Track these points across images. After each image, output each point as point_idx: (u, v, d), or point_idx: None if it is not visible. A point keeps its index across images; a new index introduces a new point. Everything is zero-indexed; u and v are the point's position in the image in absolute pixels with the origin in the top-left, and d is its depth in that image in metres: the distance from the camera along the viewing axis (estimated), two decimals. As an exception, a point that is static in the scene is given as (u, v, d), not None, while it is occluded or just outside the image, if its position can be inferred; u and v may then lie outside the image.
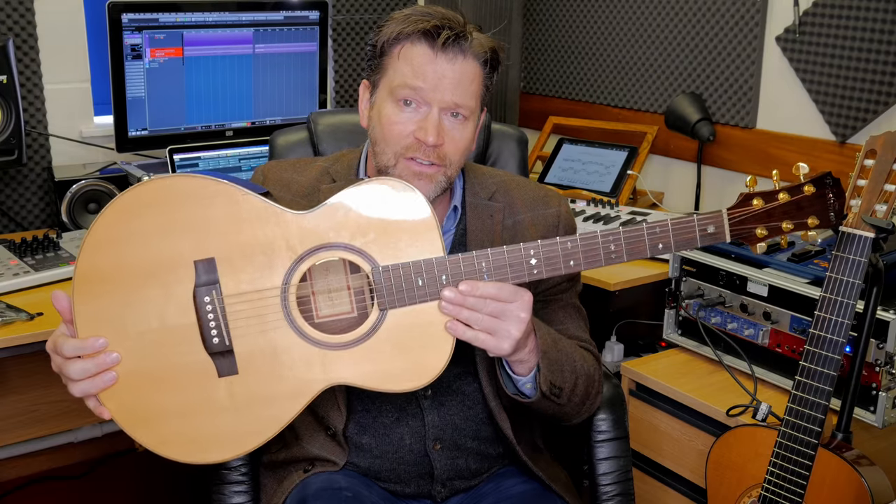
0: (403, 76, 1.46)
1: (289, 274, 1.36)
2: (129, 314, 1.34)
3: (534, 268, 1.38)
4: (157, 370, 1.34)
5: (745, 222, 1.41)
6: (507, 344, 1.37)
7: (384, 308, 1.37)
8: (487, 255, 1.37)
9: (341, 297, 1.40)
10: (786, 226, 1.41)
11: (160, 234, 1.34)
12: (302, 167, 1.65)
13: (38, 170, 2.73)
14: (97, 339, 1.32)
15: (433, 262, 1.36)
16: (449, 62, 1.46)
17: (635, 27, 3.04)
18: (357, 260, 1.37)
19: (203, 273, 1.35)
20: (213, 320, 1.35)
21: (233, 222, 1.35)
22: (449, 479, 1.60)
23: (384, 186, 1.37)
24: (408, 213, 1.36)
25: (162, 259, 1.34)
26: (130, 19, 2.55)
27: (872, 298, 1.64)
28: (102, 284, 1.33)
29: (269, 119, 2.89)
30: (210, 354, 1.35)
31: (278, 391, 1.36)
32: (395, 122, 1.48)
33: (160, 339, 1.34)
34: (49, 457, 2.94)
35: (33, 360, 2.75)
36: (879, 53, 2.37)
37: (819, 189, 1.41)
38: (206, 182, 1.35)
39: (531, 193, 1.65)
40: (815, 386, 1.55)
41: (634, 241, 1.38)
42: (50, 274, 2.20)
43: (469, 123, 1.50)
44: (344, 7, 3.23)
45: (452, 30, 1.45)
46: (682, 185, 2.97)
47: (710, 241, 1.40)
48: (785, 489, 1.59)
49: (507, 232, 1.61)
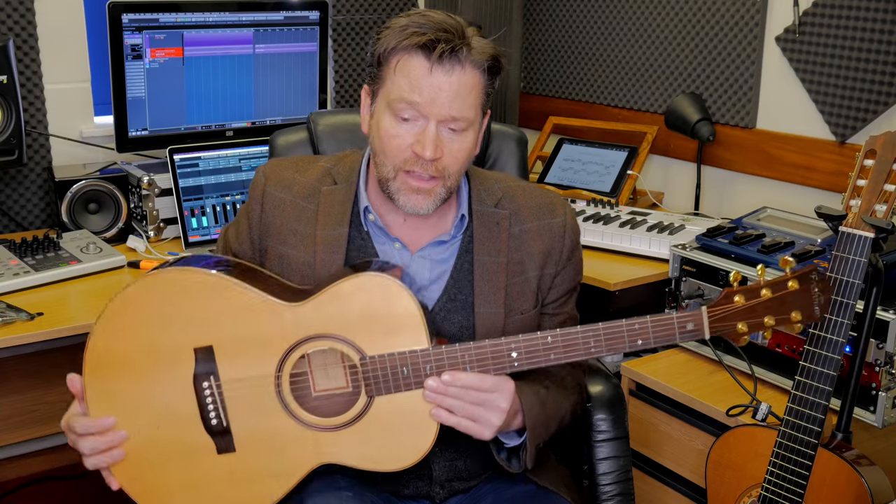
0: (400, 90, 1.46)
1: (282, 362, 1.45)
2: (135, 396, 1.45)
3: (514, 360, 1.43)
4: (162, 447, 1.46)
5: (725, 319, 1.42)
6: (489, 431, 1.44)
7: (371, 395, 1.44)
8: (470, 348, 1.43)
9: (337, 372, 1.48)
10: (768, 321, 1.42)
11: (164, 323, 1.45)
12: (304, 166, 1.65)
13: (39, 170, 2.73)
14: (106, 419, 1.44)
15: (418, 353, 1.42)
16: (446, 74, 1.44)
17: (635, 27, 3.04)
18: (346, 350, 1.45)
19: (202, 360, 1.45)
20: (212, 403, 1.46)
21: (230, 314, 1.45)
22: (448, 481, 1.60)
23: (375, 282, 1.44)
24: (396, 308, 1.43)
25: (165, 346, 1.45)
26: (131, 19, 2.55)
27: (872, 298, 1.64)
28: (111, 368, 1.45)
29: (270, 119, 2.89)
30: (209, 434, 1.46)
31: (273, 469, 1.47)
32: (392, 135, 1.48)
33: (164, 419, 1.46)
34: (49, 457, 2.94)
35: (33, 360, 2.76)
36: (879, 53, 2.37)
37: (804, 284, 1.41)
38: (206, 277, 1.46)
39: (536, 200, 1.64)
40: (815, 386, 1.55)
41: (614, 338, 1.43)
42: (50, 274, 2.20)
43: (468, 134, 1.50)
44: (344, 7, 3.23)
45: (449, 42, 1.43)
46: (682, 185, 2.97)
47: (690, 338, 1.44)
48: (785, 489, 1.59)
49: (514, 240, 1.60)
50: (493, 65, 1.49)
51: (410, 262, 1.57)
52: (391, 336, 1.43)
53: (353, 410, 1.45)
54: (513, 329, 1.58)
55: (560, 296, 1.64)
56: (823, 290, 1.42)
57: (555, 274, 1.62)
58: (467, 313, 1.57)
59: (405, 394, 1.44)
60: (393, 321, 1.43)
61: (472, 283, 1.57)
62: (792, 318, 1.41)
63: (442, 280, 1.58)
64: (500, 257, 1.58)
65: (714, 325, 1.42)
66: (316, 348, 1.45)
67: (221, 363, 1.45)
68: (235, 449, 1.46)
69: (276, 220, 1.59)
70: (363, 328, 1.44)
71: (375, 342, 1.43)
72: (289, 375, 1.45)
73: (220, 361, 1.45)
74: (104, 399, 1.46)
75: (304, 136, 2.01)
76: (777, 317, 1.41)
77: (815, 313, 1.42)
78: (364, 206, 1.58)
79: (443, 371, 1.42)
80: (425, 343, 1.43)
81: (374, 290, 1.43)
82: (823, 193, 2.54)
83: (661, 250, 2.40)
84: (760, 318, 1.42)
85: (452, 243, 1.59)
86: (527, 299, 1.60)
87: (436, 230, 1.59)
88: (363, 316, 1.44)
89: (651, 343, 1.43)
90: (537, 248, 1.60)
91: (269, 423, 1.46)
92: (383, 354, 1.43)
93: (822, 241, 2.11)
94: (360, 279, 1.44)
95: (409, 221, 1.58)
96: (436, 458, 1.58)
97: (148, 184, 2.57)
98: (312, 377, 1.48)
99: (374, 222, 1.58)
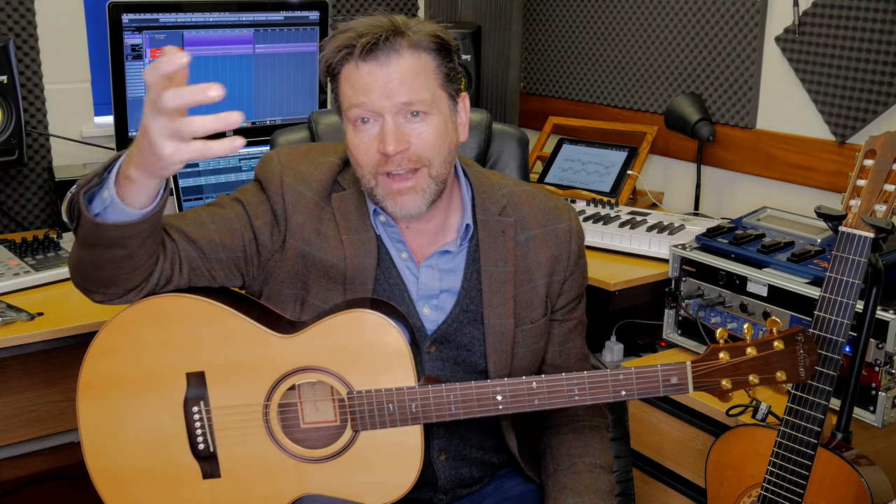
0: (348, 98, 1.44)
1: (270, 392, 1.47)
2: (127, 417, 1.48)
3: (499, 403, 1.45)
4: (150, 468, 1.49)
5: (710, 375, 1.43)
6: None
7: (357, 430, 1.46)
8: (455, 389, 1.44)
9: (326, 406, 1.50)
10: (752, 379, 1.43)
11: (157, 347, 1.47)
12: (315, 157, 1.59)
13: (39, 170, 2.73)
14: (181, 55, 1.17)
15: (404, 391, 1.44)
16: (382, 66, 1.42)
17: (635, 27, 3.05)
18: (334, 383, 1.46)
19: (194, 385, 1.47)
20: (200, 428, 1.47)
21: (223, 341, 1.46)
22: (452, 488, 1.61)
23: (366, 318, 1.45)
24: (385, 345, 1.45)
25: (158, 369, 1.47)
26: (131, 19, 2.55)
27: (872, 298, 1.64)
28: (104, 389, 1.47)
29: (270, 119, 2.89)
30: (196, 458, 1.48)
31: (256, 496, 1.49)
32: (357, 144, 1.46)
33: (153, 441, 1.48)
34: (49, 457, 2.94)
35: (33, 360, 2.76)
36: (879, 53, 2.37)
37: (789, 346, 1.42)
38: (201, 303, 1.47)
39: (541, 205, 1.62)
40: (814, 386, 1.55)
41: (597, 387, 1.45)
42: (50, 274, 2.20)
43: (433, 117, 1.45)
44: (344, 7, 3.23)
45: (374, 34, 1.41)
46: (681, 186, 2.97)
47: (674, 392, 1.46)
48: (785, 489, 1.59)
49: (520, 248, 1.58)
50: (438, 43, 1.45)
51: (418, 272, 1.55)
52: (380, 372, 1.45)
53: (338, 444, 1.47)
54: (523, 339, 1.57)
55: (569, 301, 1.63)
56: (809, 352, 1.43)
57: (563, 280, 1.61)
58: (478, 324, 1.55)
59: (390, 430, 1.45)
60: (382, 358, 1.45)
61: (480, 294, 1.56)
62: (777, 377, 1.42)
63: (453, 291, 1.56)
64: (508, 266, 1.56)
65: (698, 381, 1.43)
66: (305, 380, 1.47)
67: (212, 389, 1.47)
68: (221, 474, 1.49)
69: (299, 215, 1.52)
70: (352, 363, 1.45)
71: (364, 377, 1.45)
72: (277, 405, 1.47)
73: (211, 387, 1.47)
74: (97, 419, 1.48)
75: (305, 136, 2.01)
76: (762, 376, 1.42)
77: (800, 375, 1.43)
78: (373, 209, 1.54)
79: (429, 412, 1.44)
80: (412, 381, 1.44)
81: (366, 326, 1.45)
82: (823, 193, 2.54)
83: (661, 250, 2.40)
84: (745, 377, 1.43)
85: (458, 253, 1.57)
86: (536, 308, 1.58)
87: (439, 239, 1.56)
88: (353, 351, 1.45)
89: (635, 395, 1.45)
90: (545, 255, 1.59)
91: (255, 450, 1.48)
92: (370, 390, 1.44)
93: (821, 241, 2.11)
94: (353, 315, 1.46)
95: (411, 228, 1.54)
96: (441, 466, 1.58)
97: (148, 184, 2.57)
98: (302, 409, 1.50)
99: (386, 222, 1.54)
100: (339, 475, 1.47)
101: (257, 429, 1.47)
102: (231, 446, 1.48)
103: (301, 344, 1.46)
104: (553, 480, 1.56)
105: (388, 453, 1.47)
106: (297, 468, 1.48)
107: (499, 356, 1.54)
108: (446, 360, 1.55)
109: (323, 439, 1.49)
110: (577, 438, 1.60)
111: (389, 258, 1.54)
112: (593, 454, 1.58)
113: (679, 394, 1.46)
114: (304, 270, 1.52)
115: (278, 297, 1.54)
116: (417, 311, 1.54)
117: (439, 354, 1.54)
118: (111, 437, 1.48)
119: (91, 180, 1.29)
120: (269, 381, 1.47)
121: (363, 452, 1.47)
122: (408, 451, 1.46)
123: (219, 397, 1.47)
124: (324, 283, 1.52)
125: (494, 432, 1.61)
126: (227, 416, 1.47)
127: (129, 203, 1.27)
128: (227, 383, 1.47)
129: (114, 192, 1.27)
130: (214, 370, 1.47)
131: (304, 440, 1.49)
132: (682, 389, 1.44)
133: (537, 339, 1.59)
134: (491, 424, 1.60)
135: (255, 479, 1.48)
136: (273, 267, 1.54)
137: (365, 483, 1.48)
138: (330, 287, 1.52)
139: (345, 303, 1.51)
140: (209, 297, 1.48)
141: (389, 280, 1.53)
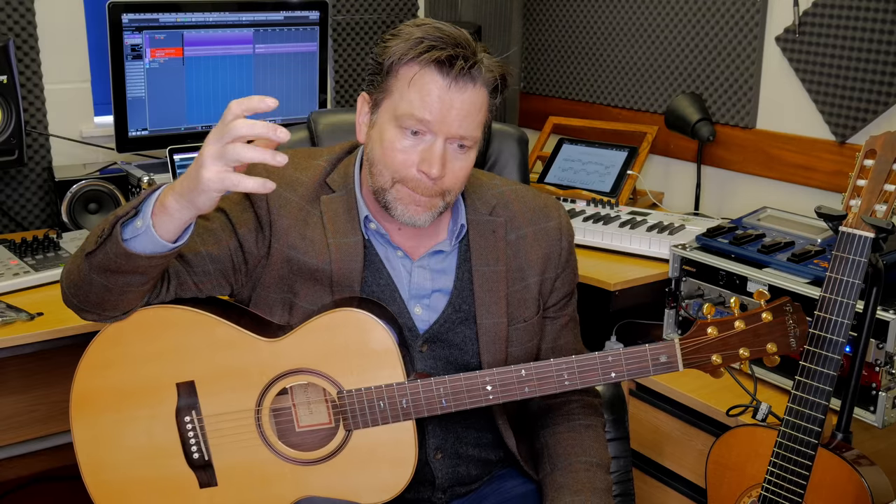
0: (411, 105, 1.41)
1: (261, 396, 1.47)
2: (121, 432, 1.49)
3: (489, 393, 1.45)
4: (149, 481, 1.49)
5: (699, 351, 1.43)
6: None
7: (349, 429, 1.46)
8: (445, 381, 1.44)
9: (320, 408, 1.50)
10: (742, 353, 1.42)
11: (146, 359, 1.47)
12: (301, 162, 1.57)
13: (39, 170, 2.73)
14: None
15: (394, 387, 1.44)
16: (459, 92, 1.40)
17: (635, 27, 3.04)
18: (324, 384, 1.47)
19: (184, 394, 1.48)
20: (194, 437, 1.48)
21: (211, 349, 1.47)
22: (450, 486, 1.60)
23: (352, 317, 1.45)
24: (373, 343, 1.45)
25: (148, 381, 1.48)
26: (131, 19, 2.55)
27: (872, 298, 1.64)
28: (97, 405, 1.49)
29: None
30: (191, 467, 1.49)
31: (253, 502, 1.49)
32: (398, 149, 1.43)
33: (149, 454, 1.49)
34: (49, 457, 2.94)
35: (33, 360, 2.75)
36: (879, 53, 2.37)
37: (777, 317, 1.41)
38: (187, 313, 1.47)
39: (530, 204, 1.62)
40: (815, 386, 1.55)
41: (587, 371, 1.45)
42: (50, 274, 2.20)
43: (472, 152, 1.47)
44: (344, 7, 3.23)
45: (467, 60, 1.39)
46: (682, 186, 2.97)
47: (664, 370, 1.45)
48: (785, 489, 1.59)
49: (511, 248, 1.58)
50: (499, 84, 1.47)
51: (412, 270, 1.55)
52: (369, 371, 1.45)
53: (332, 444, 1.47)
54: (516, 337, 1.57)
55: (561, 298, 1.64)
56: (799, 322, 1.42)
57: (555, 277, 1.62)
58: (470, 324, 1.56)
59: (382, 427, 1.45)
60: (370, 356, 1.45)
61: (473, 294, 1.56)
62: (767, 349, 1.41)
63: (445, 291, 1.56)
64: (499, 266, 1.57)
65: (688, 357, 1.43)
66: (294, 383, 1.47)
67: (203, 398, 1.47)
68: (217, 483, 1.49)
69: (283, 220, 1.51)
70: (341, 363, 1.45)
71: (353, 376, 1.45)
72: (269, 409, 1.47)
73: (201, 396, 1.47)
74: (91, 433, 1.49)
75: (305, 136, 2.01)
76: (752, 348, 1.41)
77: (791, 346, 1.42)
78: (364, 216, 1.54)
79: (420, 407, 1.44)
80: (401, 378, 1.44)
81: (352, 325, 1.45)
82: (823, 193, 2.54)
83: (661, 250, 2.40)
84: (735, 350, 1.42)
85: (450, 253, 1.57)
86: (528, 306, 1.59)
87: (431, 239, 1.57)
88: (341, 350, 1.45)
89: (625, 376, 1.45)
90: (536, 253, 1.59)
91: (250, 456, 1.48)
92: (360, 388, 1.44)
93: (822, 241, 2.11)
94: (339, 314, 1.46)
95: (404, 230, 1.54)
96: (438, 465, 1.58)
97: (148, 184, 2.57)
98: (296, 413, 1.50)
99: (377, 230, 1.54)
100: (334, 476, 1.48)
101: (250, 434, 1.47)
102: (226, 454, 1.48)
103: (289, 347, 1.46)
104: (550, 480, 1.56)
105: (382, 451, 1.47)
106: (292, 471, 1.48)
107: (492, 355, 1.55)
108: (439, 358, 1.55)
109: (318, 441, 1.49)
110: (573, 437, 1.59)
111: (379, 259, 1.54)
112: (590, 452, 1.58)
113: (669, 372, 1.45)
114: (291, 275, 1.52)
115: (266, 302, 1.54)
116: (409, 310, 1.54)
117: (431, 353, 1.55)
118: (107, 452, 1.49)
119: (128, 211, 1.32)
120: (259, 386, 1.47)
121: (357, 452, 1.47)
122: (402, 447, 1.46)
123: (210, 405, 1.47)
124: (311, 285, 1.52)
125: (490, 429, 1.61)
126: (220, 423, 1.47)
127: (159, 234, 1.30)
128: (218, 391, 1.47)
129: (150, 222, 1.30)
130: (204, 379, 1.47)
131: (301, 443, 1.50)
132: (672, 367, 1.44)
133: (531, 336, 1.60)
134: (487, 421, 1.60)
135: (251, 485, 1.49)
136: (260, 273, 1.53)
137: (361, 482, 1.47)
138: (317, 289, 1.52)
139: (332, 302, 1.51)
140: (196, 307, 1.48)
141: (379, 281, 1.53)
